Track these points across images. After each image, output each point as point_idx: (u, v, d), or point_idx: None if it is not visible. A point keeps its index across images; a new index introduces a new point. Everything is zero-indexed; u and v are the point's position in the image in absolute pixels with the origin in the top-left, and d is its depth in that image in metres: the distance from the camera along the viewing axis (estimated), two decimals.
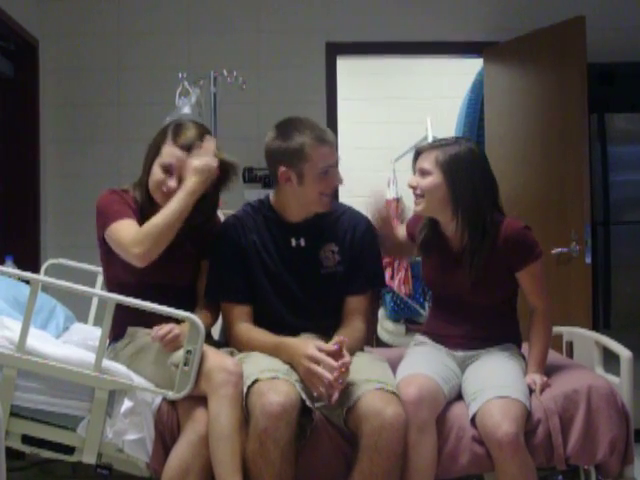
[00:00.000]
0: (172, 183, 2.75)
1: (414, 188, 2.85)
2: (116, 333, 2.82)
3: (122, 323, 2.79)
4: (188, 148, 2.75)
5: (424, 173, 2.82)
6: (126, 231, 2.68)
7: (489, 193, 2.84)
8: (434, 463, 2.55)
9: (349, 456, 2.55)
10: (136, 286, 2.74)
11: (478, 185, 2.80)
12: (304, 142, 2.73)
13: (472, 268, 2.79)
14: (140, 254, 2.64)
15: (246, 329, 2.80)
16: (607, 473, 2.71)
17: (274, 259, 2.85)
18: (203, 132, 2.83)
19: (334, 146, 2.81)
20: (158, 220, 2.67)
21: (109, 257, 2.81)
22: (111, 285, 2.85)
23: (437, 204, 2.82)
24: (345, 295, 2.89)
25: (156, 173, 2.77)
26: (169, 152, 2.76)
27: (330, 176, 2.79)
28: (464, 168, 2.79)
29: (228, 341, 2.88)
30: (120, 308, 2.61)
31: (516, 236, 2.80)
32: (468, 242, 2.81)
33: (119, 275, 2.82)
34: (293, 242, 2.87)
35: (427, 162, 2.81)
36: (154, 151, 2.79)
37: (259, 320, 2.84)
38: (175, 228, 2.69)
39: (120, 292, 2.67)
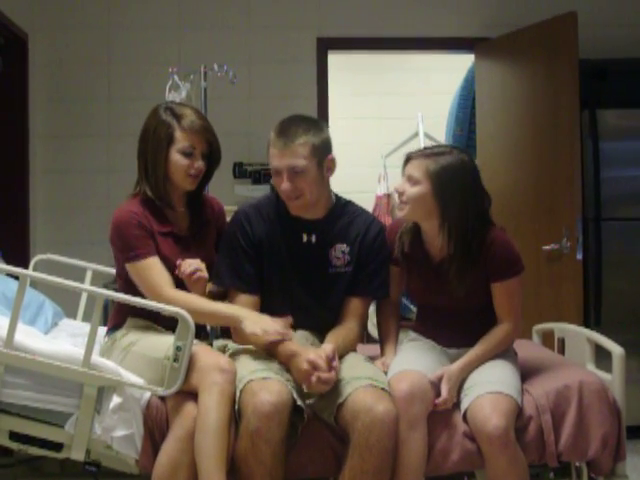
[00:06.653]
0: (200, 164, 2.80)
1: (400, 194, 2.77)
2: (116, 322, 2.82)
3: (123, 312, 2.79)
4: (198, 128, 2.79)
5: (412, 181, 2.73)
6: (157, 280, 2.68)
7: (477, 206, 2.75)
8: (424, 459, 2.53)
9: (339, 453, 2.54)
10: None
11: (467, 199, 2.71)
12: (269, 138, 2.74)
13: (454, 280, 2.72)
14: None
15: None
16: (599, 470, 2.71)
17: (283, 252, 2.82)
18: (194, 108, 2.90)
19: (288, 153, 2.68)
20: (197, 306, 2.65)
21: None
22: (121, 280, 2.83)
23: (421, 214, 2.75)
24: (347, 295, 2.86)
25: (179, 160, 2.77)
26: (184, 136, 2.77)
27: (279, 178, 2.75)
28: (454, 181, 2.69)
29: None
30: None
31: (502, 249, 2.73)
32: (451, 254, 2.74)
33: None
34: (304, 238, 2.84)
35: (417, 170, 2.72)
36: (166, 141, 2.77)
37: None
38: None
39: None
